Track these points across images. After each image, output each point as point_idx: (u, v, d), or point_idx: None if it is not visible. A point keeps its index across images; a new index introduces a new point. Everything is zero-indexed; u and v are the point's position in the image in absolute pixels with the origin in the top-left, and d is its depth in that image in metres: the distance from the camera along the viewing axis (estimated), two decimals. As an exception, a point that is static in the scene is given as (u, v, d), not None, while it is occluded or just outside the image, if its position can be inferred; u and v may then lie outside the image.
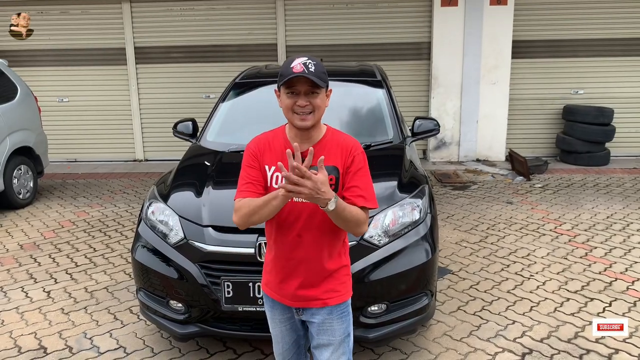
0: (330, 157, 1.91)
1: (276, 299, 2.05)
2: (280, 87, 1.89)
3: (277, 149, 1.94)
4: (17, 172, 6.19)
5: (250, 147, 1.99)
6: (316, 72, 1.85)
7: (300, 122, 1.87)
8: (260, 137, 2.02)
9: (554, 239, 4.97)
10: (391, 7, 8.32)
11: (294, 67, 1.83)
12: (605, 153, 7.99)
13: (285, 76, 1.84)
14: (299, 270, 1.96)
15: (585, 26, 8.22)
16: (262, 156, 1.95)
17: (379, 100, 4.18)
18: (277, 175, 1.92)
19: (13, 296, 3.98)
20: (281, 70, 1.88)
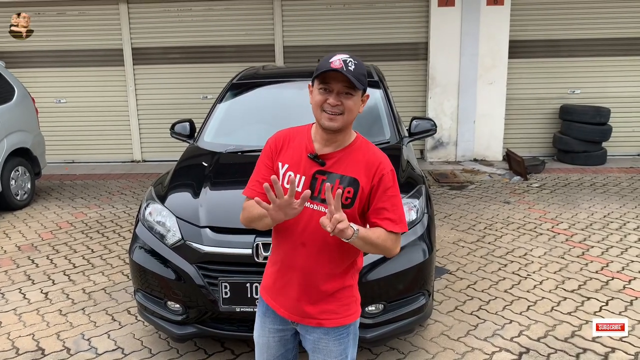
0: (353, 168, 1.76)
1: (272, 305, 1.91)
2: (314, 80, 1.75)
3: (296, 147, 1.80)
4: (15, 174, 6.18)
5: (270, 142, 1.86)
6: (355, 72, 1.69)
7: (328, 122, 1.72)
8: (283, 132, 1.88)
9: (551, 239, 4.98)
10: (388, 8, 8.33)
11: (332, 62, 1.68)
12: (602, 152, 8.01)
13: (321, 69, 1.69)
14: (298, 281, 1.82)
15: (582, 26, 8.24)
16: (280, 153, 1.82)
17: (376, 101, 4.19)
18: (290, 174, 1.77)
19: (11, 298, 3.98)
20: (319, 65, 1.72)
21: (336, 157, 1.77)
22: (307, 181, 1.75)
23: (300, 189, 1.72)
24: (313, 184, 1.75)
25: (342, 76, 1.67)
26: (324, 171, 1.75)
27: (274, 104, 4.34)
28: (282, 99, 4.41)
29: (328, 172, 1.74)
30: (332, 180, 1.74)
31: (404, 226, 1.80)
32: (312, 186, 1.74)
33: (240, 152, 3.70)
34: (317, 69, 1.72)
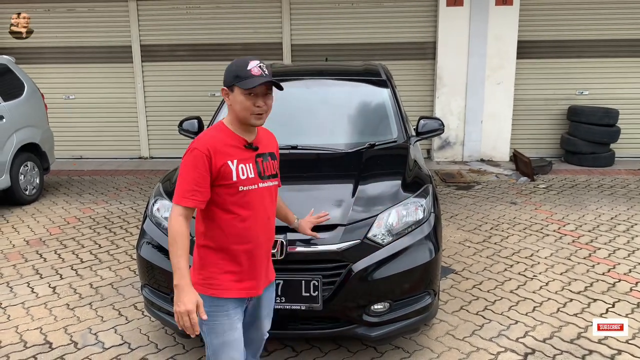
0: (268, 145, 2.19)
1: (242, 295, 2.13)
2: (235, 86, 1.99)
3: (229, 143, 2.05)
4: (24, 169, 6.23)
5: (201, 149, 1.97)
6: (272, 75, 2.03)
7: (257, 121, 2.05)
8: (206, 137, 2.04)
9: (558, 240, 4.97)
10: (396, 7, 8.33)
11: (251, 70, 1.96)
12: (610, 154, 7.97)
13: (245, 78, 1.96)
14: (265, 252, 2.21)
15: (591, 27, 8.20)
16: (218, 155, 1.98)
17: (384, 100, 4.19)
18: (242, 167, 2.03)
19: (19, 291, 4.02)
20: (237, 71, 1.98)
21: (260, 141, 2.15)
22: (254, 166, 2.09)
23: (253, 174, 2.06)
24: (258, 166, 2.10)
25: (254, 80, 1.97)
26: (259, 154, 2.13)
27: (282, 102, 4.33)
28: (290, 97, 4.41)
29: (262, 154, 2.13)
30: (266, 158, 2.15)
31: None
32: (258, 168, 2.10)
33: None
34: (237, 76, 1.98)
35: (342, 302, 2.72)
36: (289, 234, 2.71)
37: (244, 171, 2.03)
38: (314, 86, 4.46)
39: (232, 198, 2.01)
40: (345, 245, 2.73)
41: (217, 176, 1.98)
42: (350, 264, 2.73)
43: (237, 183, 2.00)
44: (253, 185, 2.05)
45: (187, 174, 1.97)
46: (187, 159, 1.98)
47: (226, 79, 2.03)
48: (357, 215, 2.86)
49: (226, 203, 2.01)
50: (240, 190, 2.01)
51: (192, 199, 1.95)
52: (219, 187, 2.00)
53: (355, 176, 3.19)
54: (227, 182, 2.00)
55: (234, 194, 2.01)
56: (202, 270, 2.08)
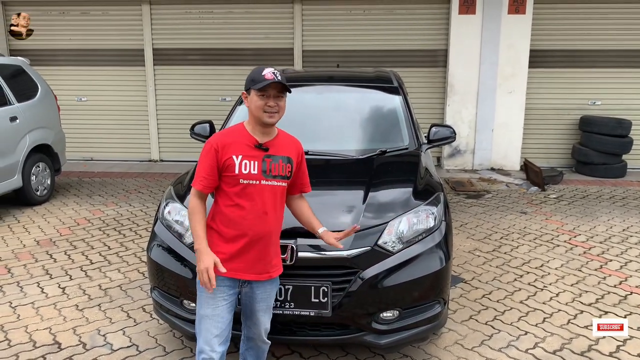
0: (286, 149, 2.39)
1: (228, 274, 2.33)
2: (251, 90, 2.28)
3: (240, 141, 2.31)
4: (36, 169, 6.29)
5: (212, 142, 2.31)
6: (283, 79, 2.28)
7: (269, 119, 2.28)
8: (222, 133, 2.40)
9: (568, 251, 4.92)
10: (408, 14, 8.33)
11: (265, 75, 2.25)
12: (622, 165, 7.90)
13: (259, 81, 2.25)
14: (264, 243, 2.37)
15: (604, 37, 8.16)
16: (225, 150, 2.27)
17: (395, 107, 4.18)
18: (245, 162, 2.27)
19: (29, 291, 4.04)
20: (252, 76, 2.29)
21: (273, 144, 2.36)
22: (260, 164, 2.30)
23: (256, 171, 2.29)
24: (264, 165, 2.31)
25: (275, 84, 2.25)
26: (269, 155, 2.33)
27: (293, 107, 4.34)
28: (301, 103, 4.42)
29: (272, 155, 2.33)
30: (276, 160, 2.34)
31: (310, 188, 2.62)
32: (264, 167, 2.30)
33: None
34: (252, 80, 2.28)
35: (351, 308, 2.71)
36: (299, 240, 2.71)
37: (247, 166, 2.28)
38: (325, 92, 4.47)
39: (234, 189, 2.29)
40: (356, 252, 2.72)
41: (223, 167, 2.28)
42: (360, 271, 2.72)
43: (238, 176, 2.27)
44: (255, 180, 2.28)
45: (200, 162, 2.32)
46: (203, 150, 2.32)
47: (245, 84, 2.33)
48: (368, 222, 2.85)
49: (228, 192, 2.30)
50: (241, 183, 2.28)
51: (200, 183, 2.29)
52: (225, 177, 2.29)
53: (366, 183, 3.18)
54: (230, 174, 2.27)
55: (235, 184, 2.29)
56: None
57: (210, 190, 2.32)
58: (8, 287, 4.10)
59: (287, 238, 2.71)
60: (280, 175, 2.35)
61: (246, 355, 2.65)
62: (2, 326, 3.52)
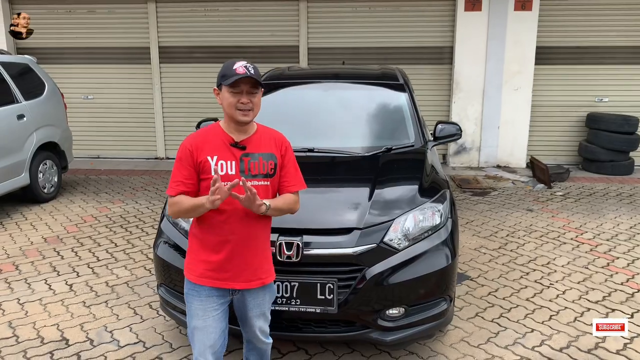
0: (267, 145, 2.23)
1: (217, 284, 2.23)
2: (222, 86, 2.13)
3: (215, 141, 2.17)
4: (43, 167, 6.32)
5: (186, 144, 2.17)
6: (256, 74, 2.12)
7: (243, 117, 2.13)
8: (195, 134, 2.23)
9: (575, 248, 4.90)
10: (414, 11, 8.31)
11: (236, 69, 2.09)
12: (630, 162, 7.86)
13: (230, 76, 2.09)
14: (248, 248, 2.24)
15: (611, 33, 8.11)
16: (199, 150, 2.14)
17: (401, 104, 4.18)
18: (222, 163, 2.14)
19: (37, 288, 4.07)
20: (223, 71, 2.13)
21: (251, 141, 2.20)
22: (237, 164, 2.16)
23: (234, 171, 2.14)
24: (242, 165, 2.17)
25: (248, 79, 2.09)
26: (247, 153, 2.18)
27: (299, 105, 4.36)
28: (307, 100, 4.43)
29: (251, 154, 2.18)
30: (255, 158, 2.19)
31: (304, 184, 2.34)
32: (242, 167, 2.16)
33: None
34: (223, 75, 2.12)
35: (357, 306, 2.72)
36: (305, 237, 2.72)
37: (224, 167, 2.14)
38: (331, 89, 4.46)
39: None
40: (361, 249, 2.72)
41: (200, 170, 2.15)
42: (366, 268, 2.72)
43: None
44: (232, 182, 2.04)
45: (175, 166, 2.19)
46: (177, 153, 2.19)
47: (217, 81, 2.17)
48: (374, 219, 2.85)
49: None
50: None
51: (175, 188, 2.15)
52: (202, 180, 2.15)
53: (372, 180, 3.18)
54: (207, 176, 2.13)
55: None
56: (188, 255, 2.29)
57: (192, 196, 2.15)
58: (16, 284, 4.13)
59: (293, 235, 2.72)
60: (261, 173, 2.20)
61: (249, 356, 2.60)
62: (11, 322, 3.55)
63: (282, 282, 2.68)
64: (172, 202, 2.17)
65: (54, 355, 3.17)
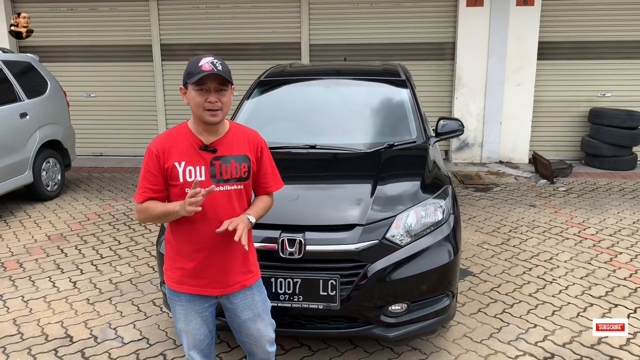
0: (240, 147, 2.08)
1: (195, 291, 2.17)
2: (188, 84, 1.97)
3: (183, 143, 2.02)
4: (46, 165, 6.34)
5: (152, 149, 2.02)
6: (224, 71, 1.97)
7: (211, 118, 1.97)
8: (161, 136, 2.06)
9: (578, 243, 4.90)
10: (416, 7, 8.29)
11: (202, 65, 1.93)
12: (633, 157, 7.84)
13: (195, 74, 1.93)
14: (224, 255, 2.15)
15: (614, 28, 8.07)
16: (166, 155, 2.00)
17: (403, 100, 4.18)
18: (190, 169, 1.99)
19: (41, 285, 4.09)
20: (189, 69, 1.97)
21: (221, 142, 2.04)
22: (207, 169, 2.01)
23: (204, 177, 2.00)
24: (212, 169, 2.01)
25: (215, 76, 1.94)
26: (218, 157, 2.02)
27: (301, 101, 4.36)
28: (309, 96, 4.43)
29: (222, 157, 2.03)
30: (227, 161, 2.04)
31: (281, 183, 2.27)
32: (212, 171, 2.01)
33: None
34: (188, 73, 1.96)
35: (359, 302, 2.72)
36: (307, 233, 2.72)
37: (192, 173, 1.99)
38: (332, 86, 4.46)
39: (180, 199, 1.98)
40: (364, 245, 2.73)
41: (167, 176, 2.02)
42: (369, 264, 2.73)
43: (183, 184, 2.00)
44: (202, 188, 1.92)
45: (142, 171, 2.06)
46: (144, 157, 2.05)
47: (183, 79, 2.01)
48: (376, 215, 2.85)
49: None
50: (187, 192, 1.95)
51: (142, 194, 2.03)
52: (170, 186, 2.04)
53: (374, 176, 3.19)
54: (175, 183, 2.01)
55: (181, 194, 2.00)
56: (166, 261, 2.20)
57: (162, 201, 2.05)
58: (20, 282, 4.15)
59: (295, 232, 2.72)
60: (234, 177, 2.05)
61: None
62: (15, 320, 3.57)
63: (284, 278, 2.69)
64: (140, 208, 2.05)
65: (59, 352, 3.19)
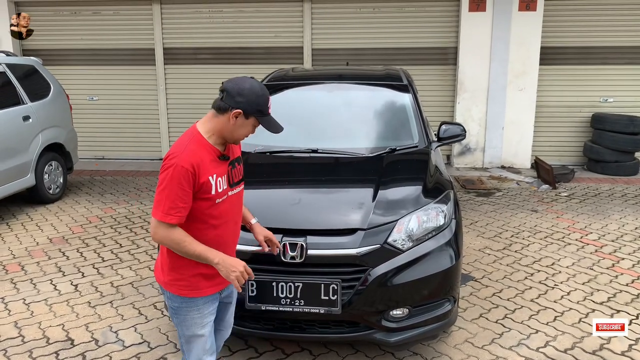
0: (236, 151, 2.28)
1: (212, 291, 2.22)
2: (251, 115, 2.08)
3: (207, 156, 2.07)
4: (48, 168, 6.35)
5: (185, 166, 1.97)
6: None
7: (241, 141, 2.21)
8: (188, 152, 2.02)
9: (580, 249, 4.89)
10: (418, 12, 8.30)
11: (269, 107, 2.13)
12: (635, 163, 7.83)
13: (266, 114, 2.12)
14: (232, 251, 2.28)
15: (616, 33, 8.08)
16: (200, 171, 2.02)
17: (405, 105, 4.18)
18: (219, 180, 2.10)
19: (42, 288, 4.09)
20: (260, 105, 2.08)
21: (229, 149, 2.21)
22: (227, 176, 2.16)
23: (226, 185, 2.14)
24: (230, 175, 2.18)
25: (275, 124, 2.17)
26: (230, 162, 2.20)
27: (303, 106, 4.37)
28: (311, 101, 4.44)
29: (232, 162, 2.21)
30: (234, 166, 2.23)
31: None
32: (230, 176, 2.18)
33: (269, 152, 3.74)
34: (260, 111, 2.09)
35: (361, 306, 2.72)
36: (308, 238, 2.72)
37: (220, 184, 2.10)
38: (335, 90, 4.47)
39: (208, 210, 2.08)
40: (365, 250, 2.73)
41: (199, 190, 2.03)
42: (370, 269, 2.72)
43: (215, 196, 2.08)
44: (225, 195, 2.12)
45: (172, 190, 1.97)
46: (173, 175, 1.96)
47: (249, 107, 2.06)
48: (377, 219, 2.85)
49: (202, 214, 2.08)
50: (216, 203, 2.09)
51: (176, 215, 1.99)
52: (199, 200, 2.05)
53: (375, 181, 3.19)
54: (207, 196, 2.05)
55: (210, 206, 2.08)
56: (171, 271, 2.15)
57: (185, 219, 2.03)
58: (22, 284, 4.16)
59: (297, 236, 2.72)
60: (240, 179, 2.27)
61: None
62: (16, 322, 3.57)
63: (286, 282, 2.69)
64: (168, 232, 2.00)
65: (60, 355, 3.19)
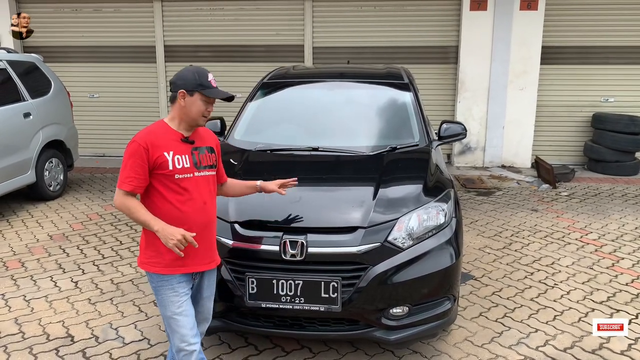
0: (207, 140, 2.46)
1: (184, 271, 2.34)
2: (195, 92, 2.28)
3: (166, 137, 2.31)
4: (49, 165, 6.35)
5: (139, 142, 2.25)
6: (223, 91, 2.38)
7: (203, 122, 2.37)
8: (145, 132, 2.32)
9: (580, 248, 4.89)
10: (419, 10, 8.30)
11: (211, 81, 2.31)
12: (635, 163, 7.83)
13: (208, 88, 2.29)
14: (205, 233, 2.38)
15: (617, 33, 8.07)
16: (154, 148, 2.25)
17: (406, 103, 4.18)
18: (178, 157, 2.28)
19: (43, 285, 4.09)
20: (200, 80, 2.28)
21: (196, 136, 2.39)
22: (190, 157, 2.33)
23: (189, 164, 2.31)
24: (194, 158, 2.35)
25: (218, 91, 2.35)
26: (196, 147, 2.37)
27: (304, 104, 4.37)
28: (312, 99, 4.44)
29: (198, 147, 2.38)
30: (202, 151, 2.39)
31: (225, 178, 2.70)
32: (194, 159, 2.34)
33: (270, 150, 3.74)
34: (201, 85, 2.28)
35: (361, 304, 2.72)
36: (309, 235, 2.73)
37: (180, 161, 2.29)
38: (335, 89, 4.47)
39: (170, 185, 2.28)
40: (365, 248, 2.73)
41: (155, 166, 2.25)
42: (370, 267, 2.73)
43: (173, 171, 2.27)
44: (188, 174, 2.31)
45: (127, 162, 2.26)
46: (128, 150, 2.26)
47: (188, 84, 2.28)
48: (378, 218, 2.85)
49: (165, 190, 2.28)
50: (176, 178, 2.28)
51: (129, 184, 2.23)
52: (158, 175, 2.27)
53: (376, 179, 3.19)
54: (164, 171, 2.26)
55: (171, 181, 2.28)
56: (146, 249, 2.34)
57: (141, 190, 2.27)
58: (22, 281, 4.16)
59: (297, 234, 2.73)
60: (209, 165, 2.42)
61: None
62: (17, 319, 3.57)
63: (286, 280, 2.69)
64: (124, 199, 2.24)
65: (60, 351, 3.19)
